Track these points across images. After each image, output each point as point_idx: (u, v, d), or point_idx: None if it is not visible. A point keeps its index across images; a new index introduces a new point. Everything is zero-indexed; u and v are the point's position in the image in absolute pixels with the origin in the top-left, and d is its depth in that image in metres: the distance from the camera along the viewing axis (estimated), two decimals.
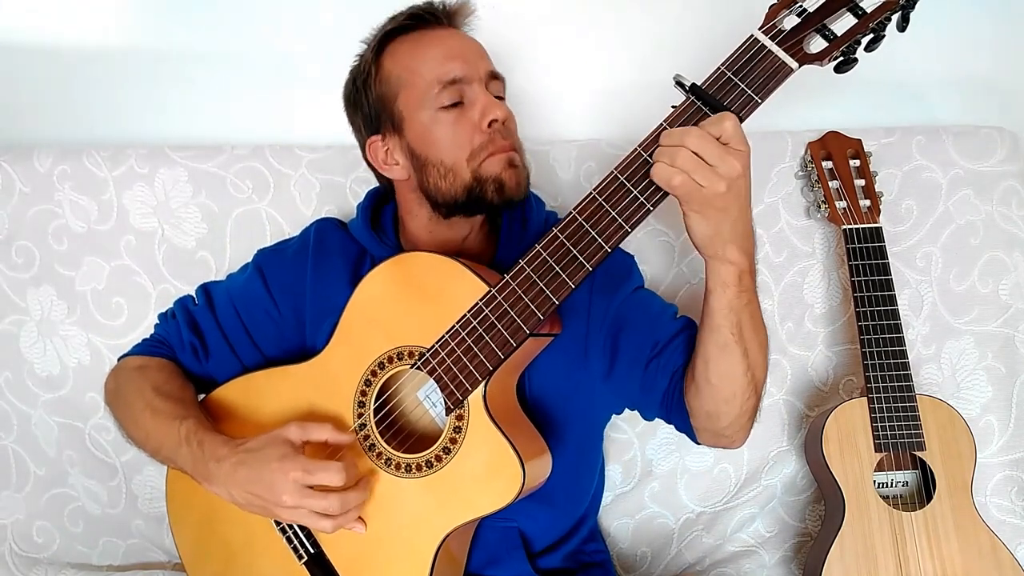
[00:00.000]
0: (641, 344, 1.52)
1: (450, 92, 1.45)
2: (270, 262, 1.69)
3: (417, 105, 1.48)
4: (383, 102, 1.52)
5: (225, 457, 1.38)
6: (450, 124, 1.46)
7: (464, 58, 1.48)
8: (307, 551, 1.44)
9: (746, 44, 1.21)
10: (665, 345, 1.51)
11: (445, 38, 1.51)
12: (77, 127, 2.12)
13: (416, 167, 1.51)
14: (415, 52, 1.50)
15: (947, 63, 2.11)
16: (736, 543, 1.96)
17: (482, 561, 1.57)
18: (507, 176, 1.46)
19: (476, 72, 1.48)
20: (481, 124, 1.45)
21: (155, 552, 2.02)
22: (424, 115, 1.47)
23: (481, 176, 1.46)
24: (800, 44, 1.20)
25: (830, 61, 1.23)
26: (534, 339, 1.32)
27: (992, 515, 1.88)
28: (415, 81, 1.48)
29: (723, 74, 1.21)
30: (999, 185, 1.97)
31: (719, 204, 1.20)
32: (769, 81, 1.20)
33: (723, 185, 1.17)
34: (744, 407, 1.42)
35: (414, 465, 1.36)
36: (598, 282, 1.56)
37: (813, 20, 1.20)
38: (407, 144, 1.51)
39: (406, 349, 1.39)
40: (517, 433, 1.34)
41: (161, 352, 1.67)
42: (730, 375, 1.38)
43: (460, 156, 1.46)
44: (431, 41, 1.50)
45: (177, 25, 2.07)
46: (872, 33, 1.21)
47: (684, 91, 1.22)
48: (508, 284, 1.29)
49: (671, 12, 2.05)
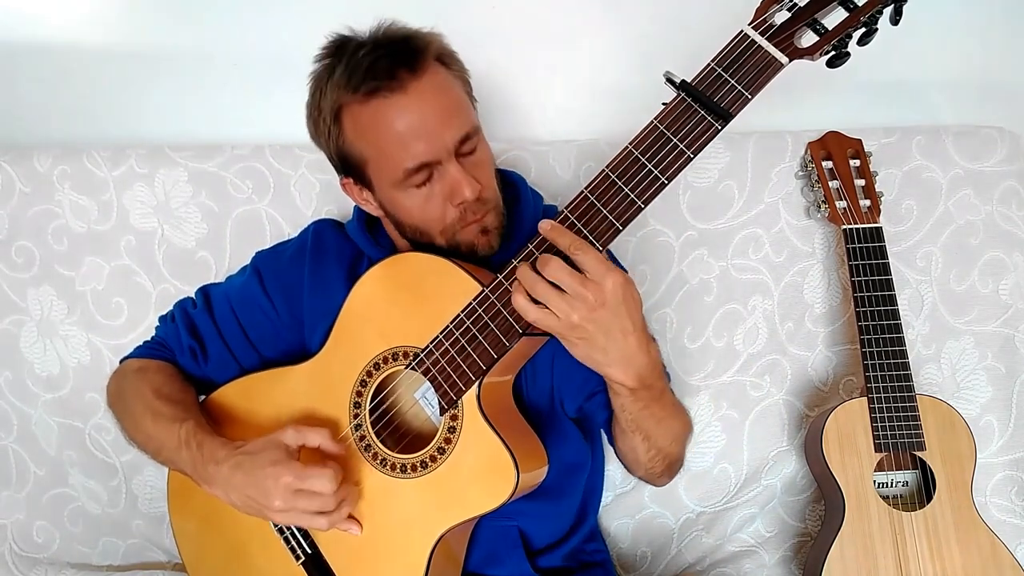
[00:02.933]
0: (588, 377, 1.50)
1: (418, 176, 1.39)
2: (268, 264, 1.69)
3: (385, 180, 1.43)
4: (349, 162, 1.47)
5: (223, 460, 1.39)
6: (421, 200, 1.42)
7: (429, 136, 1.37)
8: (304, 552, 1.45)
9: (736, 40, 1.20)
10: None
11: (407, 110, 1.36)
12: (77, 127, 2.13)
13: (391, 220, 1.52)
14: (377, 127, 1.39)
15: (947, 63, 2.11)
16: (736, 543, 1.96)
17: (481, 560, 1.57)
18: (480, 242, 1.46)
19: (443, 147, 1.38)
20: (452, 201, 1.41)
21: (155, 552, 2.02)
22: (394, 191, 1.44)
23: (455, 242, 1.46)
24: (790, 39, 1.19)
25: (821, 55, 1.21)
26: (528, 338, 1.32)
27: (992, 515, 1.88)
28: (380, 159, 1.42)
29: (713, 70, 1.20)
30: (999, 185, 1.96)
31: (578, 333, 1.21)
32: (759, 76, 1.19)
33: (575, 316, 1.19)
34: (652, 470, 1.54)
35: (409, 465, 1.37)
36: None
37: (804, 14, 1.19)
38: (380, 202, 1.50)
39: (401, 349, 1.39)
40: (512, 433, 1.34)
41: (161, 355, 1.68)
42: (633, 449, 1.48)
43: (433, 228, 1.45)
44: (391, 115, 1.37)
45: (177, 25, 2.06)
46: (864, 27, 1.20)
47: (675, 88, 1.21)
48: (501, 283, 1.29)
49: (671, 11, 2.05)
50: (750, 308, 1.95)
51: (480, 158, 1.46)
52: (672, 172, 1.21)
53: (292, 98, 2.08)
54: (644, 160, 1.21)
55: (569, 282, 1.18)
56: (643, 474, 1.55)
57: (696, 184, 1.97)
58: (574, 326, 1.19)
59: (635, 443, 1.45)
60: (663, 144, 1.21)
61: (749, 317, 1.95)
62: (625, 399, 1.34)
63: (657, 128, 1.22)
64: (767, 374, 1.95)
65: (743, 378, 1.95)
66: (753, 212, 1.96)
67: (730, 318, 1.96)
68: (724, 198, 1.97)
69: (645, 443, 1.44)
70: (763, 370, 1.95)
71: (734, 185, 1.96)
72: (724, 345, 1.96)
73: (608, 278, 1.18)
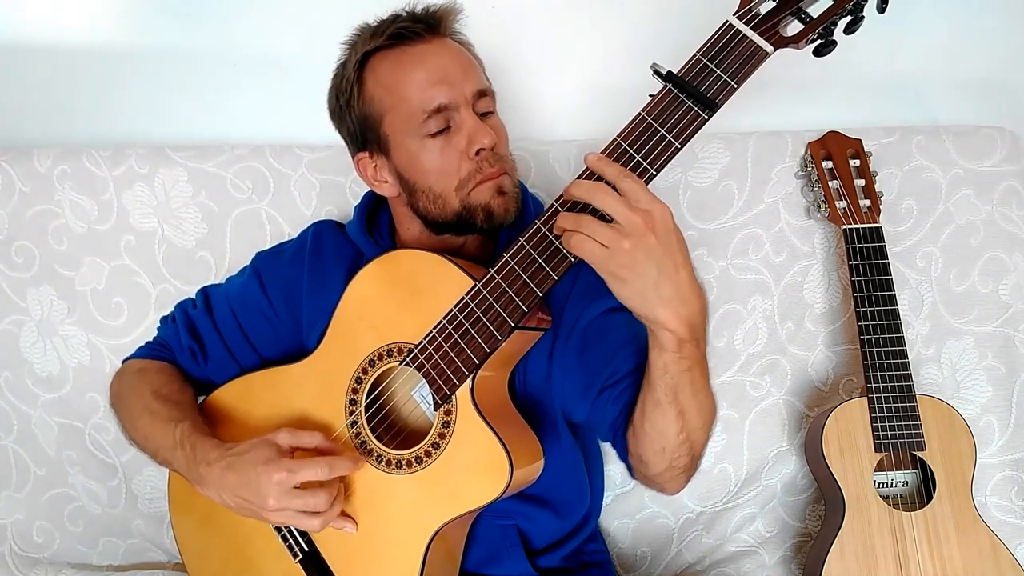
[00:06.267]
0: (599, 371, 1.47)
1: (436, 120, 1.42)
2: (267, 265, 1.69)
3: (403, 130, 1.45)
4: (368, 122, 1.49)
5: (215, 461, 1.39)
6: (437, 152, 1.43)
7: (449, 81, 1.43)
8: (301, 549, 1.44)
9: (721, 30, 1.21)
10: (621, 379, 1.45)
11: (428, 56, 1.45)
12: (77, 127, 2.13)
13: (405, 189, 1.50)
14: (397, 73, 1.45)
15: (947, 63, 2.11)
16: (736, 543, 1.96)
17: (481, 559, 1.57)
18: (496, 204, 1.44)
19: (462, 95, 1.43)
20: (468, 152, 1.42)
21: (155, 552, 2.02)
22: (410, 142, 1.45)
23: (470, 204, 1.44)
24: (776, 28, 1.19)
25: (807, 44, 1.22)
26: (521, 333, 1.32)
27: (992, 515, 1.88)
28: (399, 106, 1.44)
29: (699, 61, 1.20)
30: (999, 185, 1.96)
31: (629, 265, 1.15)
32: (745, 66, 1.19)
33: (626, 243, 1.13)
34: (674, 463, 1.37)
35: (404, 461, 1.37)
36: (578, 287, 1.52)
37: (789, 3, 1.19)
38: (395, 166, 1.49)
39: (395, 346, 1.39)
40: (507, 428, 1.34)
41: (161, 355, 1.69)
42: (662, 433, 1.33)
43: (448, 185, 1.44)
44: (413, 60, 1.44)
45: (177, 25, 2.07)
46: (850, 15, 1.20)
47: (661, 79, 1.22)
48: (493, 278, 1.29)
49: (672, 11, 2.05)
50: (750, 308, 1.95)
51: (496, 124, 1.49)
52: (661, 163, 1.21)
53: (292, 98, 2.10)
54: (632, 152, 1.21)
55: (617, 207, 1.13)
56: (664, 468, 1.40)
57: (696, 184, 1.96)
58: (624, 253, 1.13)
59: (667, 423, 1.32)
60: (651, 135, 1.21)
61: (749, 317, 1.95)
62: (670, 356, 1.23)
63: (645, 119, 1.22)
64: (767, 374, 1.95)
65: (743, 378, 1.95)
66: (753, 212, 1.96)
67: (730, 318, 1.96)
68: (724, 198, 1.96)
69: (679, 421, 1.32)
70: (763, 370, 1.95)
71: (734, 185, 1.96)
72: (724, 345, 1.96)
73: (656, 206, 1.14)
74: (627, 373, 1.44)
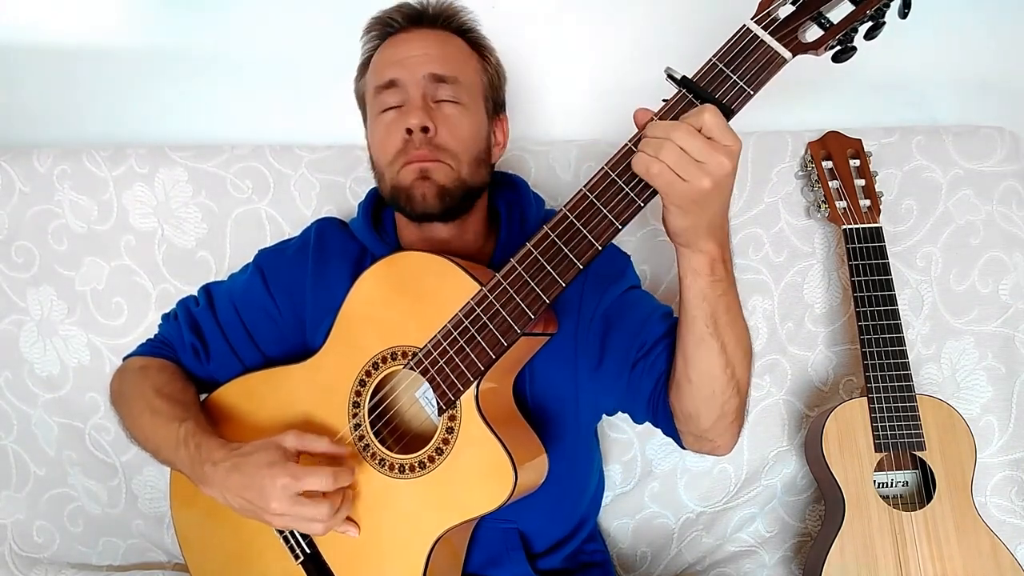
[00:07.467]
0: (628, 345, 1.49)
1: (388, 95, 1.48)
2: (270, 262, 1.69)
3: (369, 106, 1.55)
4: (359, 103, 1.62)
5: (220, 461, 1.38)
6: (383, 127, 1.49)
7: (404, 63, 1.48)
8: (303, 551, 1.44)
9: (738, 35, 1.17)
10: (652, 347, 1.47)
11: (401, 42, 1.53)
12: (77, 127, 2.13)
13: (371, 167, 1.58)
14: (381, 54, 1.55)
15: (947, 63, 2.11)
16: (736, 543, 1.96)
17: (482, 562, 1.56)
18: (417, 188, 1.45)
19: (413, 75, 1.46)
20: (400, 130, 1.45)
21: (155, 552, 2.02)
22: (372, 117, 1.54)
23: (397, 184, 1.47)
24: (794, 33, 1.16)
25: (826, 50, 1.19)
26: (527, 339, 1.32)
27: (992, 515, 1.88)
28: (370, 82, 1.55)
29: (715, 66, 1.17)
30: (999, 185, 1.97)
31: (700, 200, 1.14)
32: (762, 72, 1.16)
33: (708, 182, 1.11)
34: (725, 408, 1.36)
35: (407, 466, 1.36)
36: (590, 281, 1.53)
37: (808, 8, 1.16)
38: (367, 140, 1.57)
39: (400, 349, 1.39)
40: (511, 434, 1.34)
41: (163, 353, 1.68)
42: (709, 372, 1.33)
43: (384, 160, 1.49)
44: (394, 43, 1.54)
45: (177, 25, 2.07)
46: (871, 20, 1.18)
47: (675, 84, 1.19)
48: (500, 283, 1.28)
49: (671, 10, 2.05)
50: (750, 308, 1.95)
51: (452, 113, 1.49)
52: None
53: (292, 98, 2.09)
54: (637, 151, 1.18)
55: (702, 146, 1.11)
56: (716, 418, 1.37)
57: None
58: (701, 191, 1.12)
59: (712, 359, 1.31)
60: None
61: (749, 317, 1.94)
62: (704, 280, 1.25)
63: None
64: (767, 374, 1.95)
65: None
66: (753, 212, 1.97)
67: None
68: None
69: (722, 356, 1.31)
70: (763, 370, 1.95)
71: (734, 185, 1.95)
72: None
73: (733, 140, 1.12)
74: (659, 338, 1.46)
